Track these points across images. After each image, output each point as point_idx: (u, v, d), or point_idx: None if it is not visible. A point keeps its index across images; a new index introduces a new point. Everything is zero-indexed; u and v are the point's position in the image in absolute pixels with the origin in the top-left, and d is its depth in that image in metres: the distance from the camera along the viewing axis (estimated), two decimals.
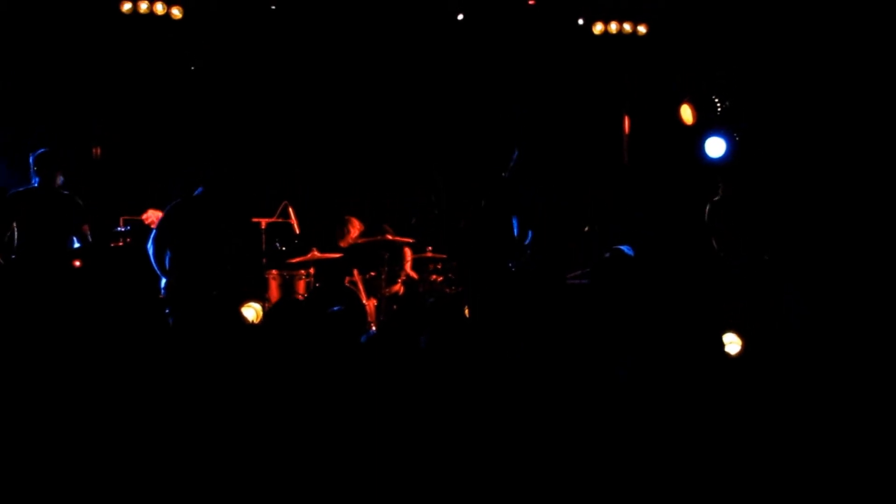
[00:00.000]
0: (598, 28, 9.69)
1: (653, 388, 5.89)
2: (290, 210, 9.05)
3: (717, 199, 8.12)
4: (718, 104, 8.47)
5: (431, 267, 9.46)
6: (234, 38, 9.49)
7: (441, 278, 9.37)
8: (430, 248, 9.50)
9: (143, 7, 8.89)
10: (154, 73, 9.56)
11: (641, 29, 9.71)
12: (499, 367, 6.02)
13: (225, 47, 9.56)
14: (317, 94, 10.16)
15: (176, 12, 8.98)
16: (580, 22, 9.69)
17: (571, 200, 7.22)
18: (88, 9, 8.97)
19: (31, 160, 7.38)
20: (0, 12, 8.68)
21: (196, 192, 7.41)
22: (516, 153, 7.15)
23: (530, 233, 7.00)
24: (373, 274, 9.42)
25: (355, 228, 9.57)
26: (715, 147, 8.40)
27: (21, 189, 7.36)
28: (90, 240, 7.51)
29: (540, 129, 9.40)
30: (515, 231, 7.07)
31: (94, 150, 9.35)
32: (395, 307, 9.17)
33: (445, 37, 9.74)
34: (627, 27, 9.69)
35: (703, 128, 8.49)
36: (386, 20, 9.56)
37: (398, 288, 9.45)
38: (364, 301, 9.26)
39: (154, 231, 7.30)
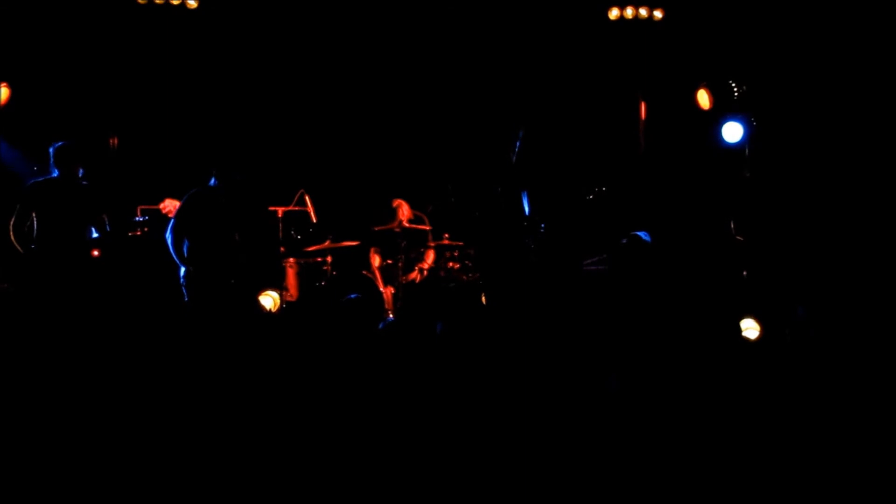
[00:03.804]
0: (613, 13, 9.63)
1: (669, 376, 5.88)
2: (307, 198, 9.06)
3: (735, 184, 8.09)
4: (735, 89, 8.42)
5: (448, 254, 9.46)
6: (249, 27, 9.49)
7: (458, 265, 9.38)
8: (446, 234, 9.50)
9: None
10: (170, 63, 9.58)
11: (657, 14, 9.64)
12: (512, 355, 6.02)
13: (241, 36, 9.56)
14: (333, 82, 10.15)
15: (192, 2, 8.99)
16: (595, 7, 9.65)
17: (585, 193, 7.20)
18: None
19: (50, 152, 7.41)
20: (19, 2, 8.72)
21: (212, 181, 7.44)
22: (521, 133, 7.12)
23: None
24: (390, 262, 9.44)
25: (404, 213, 9.55)
26: (732, 132, 8.36)
27: (40, 179, 7.39)
28: (108, 229, 7.54)
29: (549, 119, 9.36)
30: (527, 209, 7.06)
31: (111, 141, 9.38)
32: (412, 294, 9.18)
33: (461, 24, 9.71)
34: (643, 12, 9.62)
35: (720, 113, 8.45)
36: (398, 13, 9.56)
37: (415, 275, 9.47)
38: (381, 289, 9.28)
39: (172, 220, 7.34)
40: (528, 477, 4.51)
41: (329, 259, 9.29)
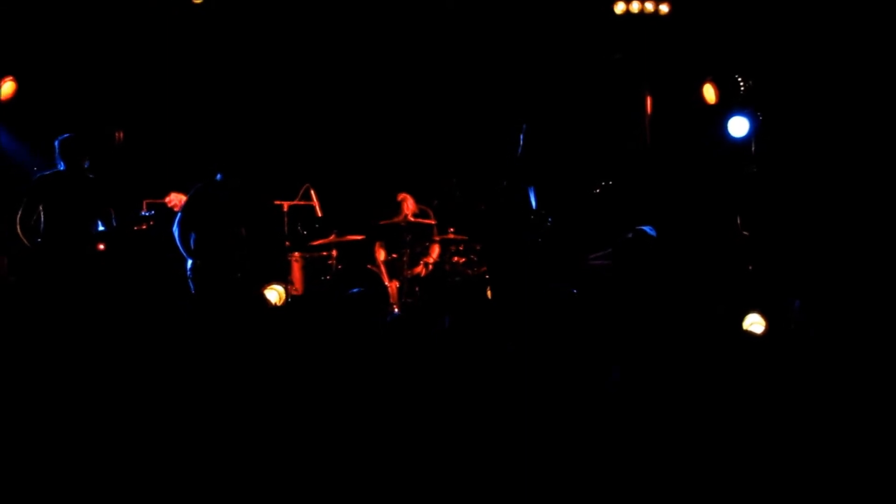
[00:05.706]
0: (619, 7, 9.61)
1: (673, 370, 5.88)
2: (312, 193, 9.07)
3: (741, 178, 8.08)
4: (741, 83, 8.40)
5: (454, 248, 9.46)
6: (255, 21, 9.49)
7: (463, 259, 9.38)
8: (451, 229, 9.50)
9: None
10: (176, 57, 9.58)
11: (663, 8, 9.62)
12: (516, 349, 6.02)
13: (246, 30, 9.56)
14: (339, 76, 10.15)
15: None
16: (601, 2, 9.63)
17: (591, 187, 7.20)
18: None
19: (55, 145, 7.41)
20: None
21: (219, 175, 7.45)
22: (525, 127, 7.12)
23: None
24: (395, 256, 9.45)
25: (409, 207, 9.56)
26: (738, 127, 8.34)
27: (47, 172, 7.40)
28: (115, 223, 7.55)
29: (555, 114, 9.34)
30: (534, 204, 7.07)
31: (116, 134, 9.39)
32: (417, 289, 9.19)
33: (468, 18, 9.70)
34: (649, 6, 9.60)
35: (726, 107, 8.44)
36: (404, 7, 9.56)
37: (420, 269, 9.47)
38: (386, 283, 9.29)
39: (179, 214, 7.35)
40: (532, 470, 4.51)
41: (334, 253, 9.30)
